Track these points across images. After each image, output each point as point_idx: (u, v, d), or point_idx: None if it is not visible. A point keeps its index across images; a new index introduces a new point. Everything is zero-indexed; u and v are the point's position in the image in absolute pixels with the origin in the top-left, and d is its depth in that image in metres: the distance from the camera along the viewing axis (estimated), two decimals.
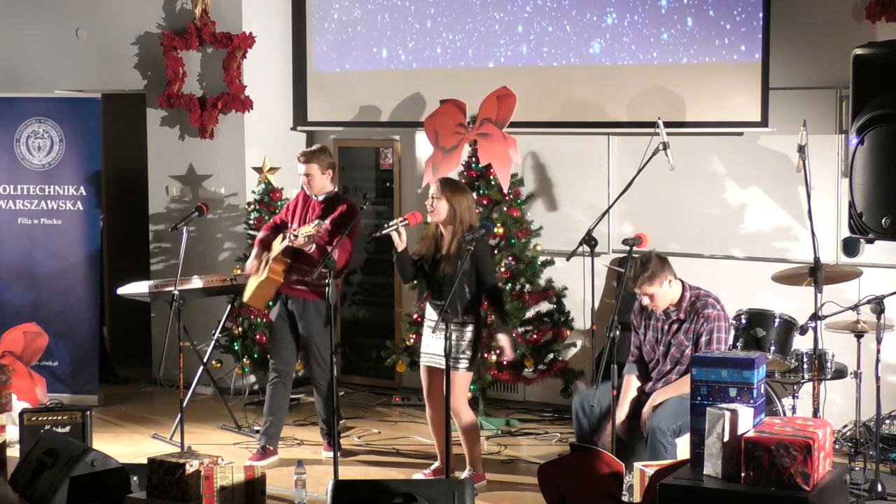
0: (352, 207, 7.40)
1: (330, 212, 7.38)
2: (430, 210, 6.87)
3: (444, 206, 6.82)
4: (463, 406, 6.92)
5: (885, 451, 6.94)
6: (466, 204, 6.88)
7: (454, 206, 6.82)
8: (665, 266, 6.45)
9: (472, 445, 6.98)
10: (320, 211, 7.40)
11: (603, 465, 5.50)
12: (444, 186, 6.88)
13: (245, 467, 5.96)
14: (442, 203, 6.82)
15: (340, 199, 7.51)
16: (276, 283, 7.41)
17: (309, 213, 7.45)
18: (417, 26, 9.15)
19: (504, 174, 8.21)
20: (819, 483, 4.75)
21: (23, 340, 8.45)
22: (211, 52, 9.50)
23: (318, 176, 7.40)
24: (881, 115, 6.03)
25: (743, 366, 5.02)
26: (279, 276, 7.39)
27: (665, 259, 6.50)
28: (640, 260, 6.45)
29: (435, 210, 6.84)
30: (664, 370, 6.51)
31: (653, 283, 6.41)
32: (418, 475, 7.06)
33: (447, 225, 6.85)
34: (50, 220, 9.16)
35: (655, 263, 6.43)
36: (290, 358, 7.60)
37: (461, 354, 6.76)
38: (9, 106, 9.24)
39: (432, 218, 6.88)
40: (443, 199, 6.82)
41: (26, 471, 6.25)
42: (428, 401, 7.03)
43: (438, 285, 6.81)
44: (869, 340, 6.87)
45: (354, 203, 7.44)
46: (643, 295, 6.47)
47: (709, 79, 8.10)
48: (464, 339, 6.77)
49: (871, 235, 6.18)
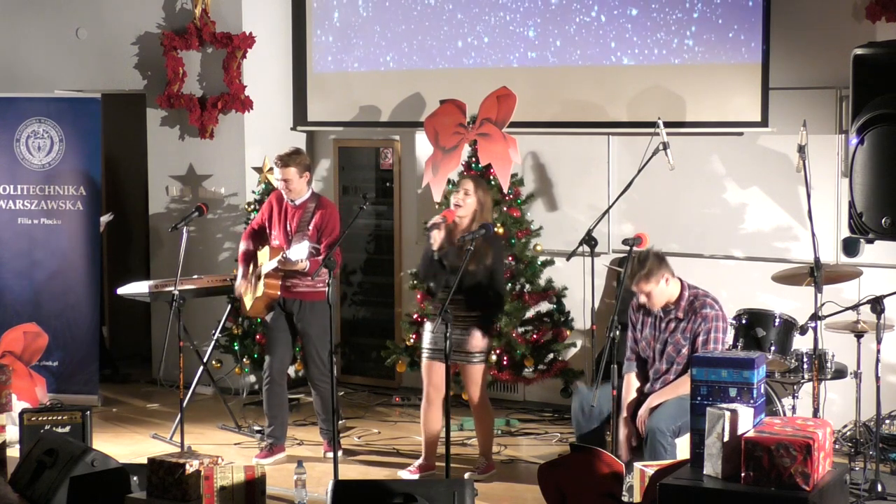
0: (330, 209, 7.40)
1: (308, 219, 7.37)
2: (458, 204, 7.00)
3: (474, 203, 7.01)
4: (482, 397, 7.10)
5: (885, 451, 6.94)
6: (489, 205, 7.16)
7: (482, 204, 7.03)
8: (662, 264, 6.45)
9: (487, 436, 7.20)
10: (299, 216, 7.40)
11: (603, 465, 5.50)
12: (478, 184, 7.07)
13: (245, 467, 5.96)
14: (471, 200, 7.00)
15: (318, 202, 7.48)
16: (274, 295, 7.42)
17: (288, 220, 7.44)
18: (417, 26, 9.15)
19: (504, 174, 8.21)
20: (819, 483, 4.75)
21: (23, 340, 8.45)
22: (211, 52, 9.50)
23: (296, 180, 7.39)
24: (881, 115, 6.03)
25: (743, 366, 5.02)
26: (276, 290, 7.41)
27: (663, 257, 6.50)
28: (638, 258, 6.46)
29: (465, 205, 7.00)
30: (661, 369, 6.50)
31: (650, 281, 6.41)
32: (404, 472, 7.12)
33: (470, 223, 7.00)
34: (50, 220, 9.16)
35: (653, 261, 6.43)
36: (286, 357, 7.61)
37: (473, 348, 6.86)
38: (9, 106, 9.24)
39: (460, 213, 7.02)
40: (474, 197, 7.00)
41: (26, 471, 6.26)
42: (430, 396, 7.08)
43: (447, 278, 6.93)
44: (869, 340, 6.87)
45: (331, 203, 7.47)
46: (640, 293, 6.47)
47: (709, 79, 8.10)
48: (474, 333, 6.83)
49: (871, 235, 6.19)
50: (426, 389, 7.15)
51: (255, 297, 7.50)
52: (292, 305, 7.45)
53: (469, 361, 6.99)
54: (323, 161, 9.86)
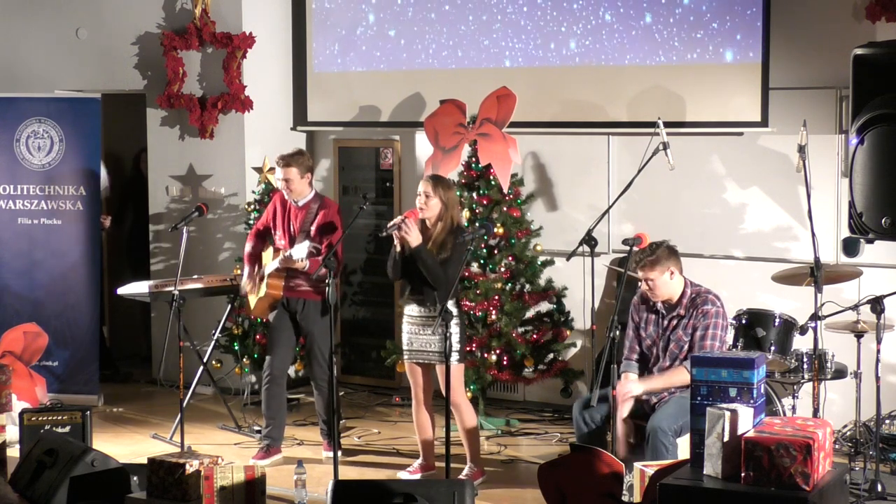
0: (333, 209, 7.40)
1: (311, 219, 7.38)
2: (421, 207, 6.93)
3: (437, 204, 6.92)
4: (463, 399, 6.98)
5: (885, 451, 6.94)
6: (455, 200, 7.05)
7: (445, 202, 6.93)
8: (671, 257, 6.45)
9: (473, 440, 7.04)
10: (302, 217, 7.40)
11: (603, 465, 5.50)
12: (436, 184, 6.97)
13: (245, 467, 5.96)
14: (434, 201, 6.92)
15: (321, 203, 7.49)
16: (277, 295, 7.43)
17: (291, 221, 7.45)
18: (417, 27, 9.15)
19: (504, 174, 8.21)
20: (819, 483, 4.75)
21: (23, 340, 8.45)
22: (211, 52, 9.50)
23: (297, 180, 7.40)
24: (881, 115, 6.03)
25: (743, 366, 5.02)
26: (279, 290, 7.42)
27: (674, 251, 6.50)
28: (650, 244, 6.47)
29: (428, 207, 6.92)
30: (664, 366, 6.50)
31: (654, 269, 6.41)
32: (403, 473, 7.10)
33: (437, 221, 6.93)
34: (50, 220, 9.16)
35: (663, 251, 6.44)
36: (286, 357, 7.61)
37: (451, 348, 6.77)
38: (9, 106, 9.24)
39: (424, 215, 6.95)
40: (436, 197, 6.91)
41: (26, 471, 6.26)
42: (419, 397, 7.06)
43: (421, 281, 6.85)
44: (869, 340, 6.87)
45: (333, 203, 7.48)
46: (643, 279, 6.46)
47: (709, 79, 8.10)
48: (450, 331, 6.75)
49: (871, 235, 6.18)
50: (413, 391, 7.12)
51: (259, 298, 7.51)
52: (296, 305, 7.46)
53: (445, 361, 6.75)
54: (323, 161, 9.86)
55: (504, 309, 8.16)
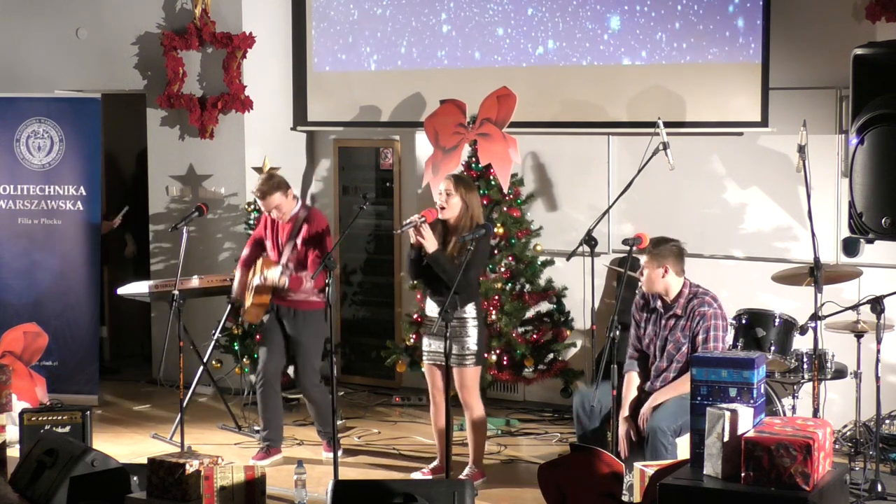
0: (318, 223, 7.38)
1: (296, 233, 7.37)
2: (441, 206, 6.78)
3: (458, 203, 6.76)
4: (476, 401, 6.90)
5: (885, 451, 6.94)
6: (477, 201, 6.87)
7: (467, 202, 6.77)
8: (671, 257, 6.45)
9: (479, 442, 6.99)
10: (289, 229, 7.40)
11: (603, 465, 5.50)
12: (458, 183, 6.80)
13: (245, 467, 5.95)
14: (455, 199, 6.76)
15: (307, 214, 7.45)
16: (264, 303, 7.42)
17: (280, 235, 7.46)
18: (417, 26, 9.15)
19: (504, 174, 8.21)
20: (819, 483, 4.75)
21: (23, 340, 8.44)
22: (211, 52, 9.50)
23: (283, 203, 7.36)
24: (881, 115, 6.03)
25: (743, 366, 5.02)
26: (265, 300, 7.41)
27: (679, 253, 6.50)
28: (661, 238, 6.51)
29: (448, 206, 6.77)
30: (661, 367, 6.51)
31: (651, 260, 6.45)
32: (417, 474, 7.07)
33: (458, 222, 6.79)
34: (50, 220, 9.16)
35: (666, 249, 6.46)
36: (280, 359, 7.60)
37: (466, 351, 6.75)
38: (9, 106, 9.24)
39: (444, 215, 6.79)
40: (457, 196, 6.75)
41: (26, 471, 6.25)
42: (436, 399, 7.00)
43: (439, 282, 6.79)
44: (869, 340, 6.87)
45: (321, 217, 7.44)
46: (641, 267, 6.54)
47: (709, 79, 8.10)
48: (467, 334, 6.74)
49: (871, 235, 6.18)
50: (431, 392, 7.06)
51: (249, 305, 7.52)
52: (286, 313, 7.46)
53: (462, 364, 6.76)
54: (323, 161, 9.86)
55: (504, 309, 8.17)
